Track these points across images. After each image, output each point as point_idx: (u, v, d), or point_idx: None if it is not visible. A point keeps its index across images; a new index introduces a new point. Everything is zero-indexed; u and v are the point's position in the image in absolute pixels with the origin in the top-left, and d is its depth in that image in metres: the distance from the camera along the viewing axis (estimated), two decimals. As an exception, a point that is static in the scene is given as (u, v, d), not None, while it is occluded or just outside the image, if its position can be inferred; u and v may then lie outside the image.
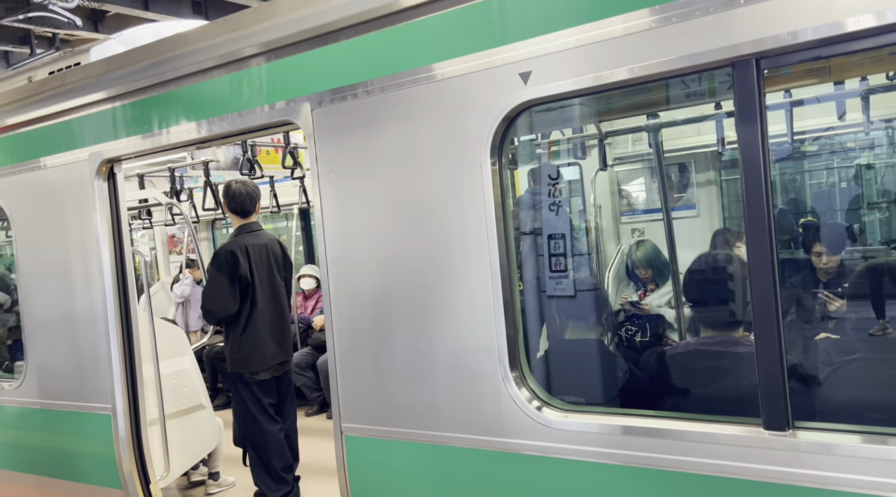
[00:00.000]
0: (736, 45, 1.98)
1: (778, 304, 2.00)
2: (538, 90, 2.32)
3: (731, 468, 2.08)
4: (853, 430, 2.00)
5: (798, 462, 1.99)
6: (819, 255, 3.88)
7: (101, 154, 3.65)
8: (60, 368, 3.98)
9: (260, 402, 4.27)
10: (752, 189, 2.01)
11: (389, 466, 2.80)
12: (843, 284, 3.43)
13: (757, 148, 1.99)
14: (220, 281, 4.16)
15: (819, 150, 5.68)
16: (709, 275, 2.72)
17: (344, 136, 2.79)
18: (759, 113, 1.98)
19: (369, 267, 2.79)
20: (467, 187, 2.51)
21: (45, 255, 4.01)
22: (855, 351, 2.98)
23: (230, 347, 4.28)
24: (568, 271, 3.94)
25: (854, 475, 1.94)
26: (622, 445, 2.24)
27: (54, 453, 4.12)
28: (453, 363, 2.60)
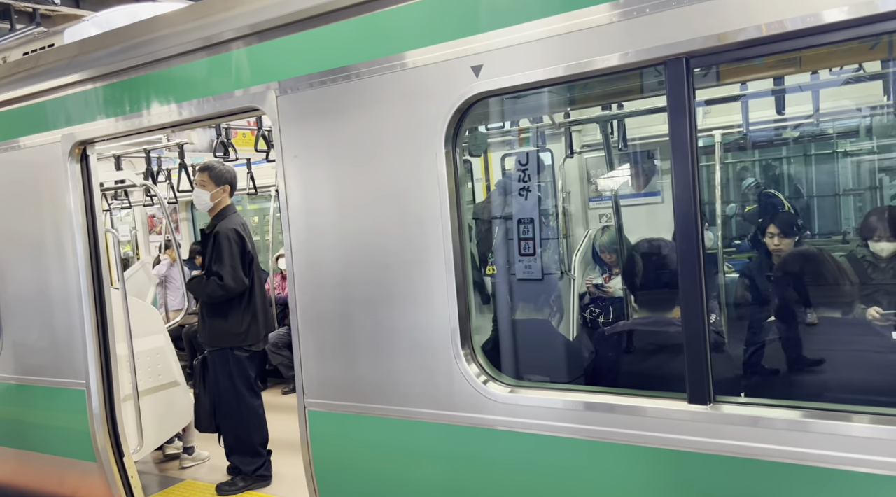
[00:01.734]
0: (668, 44, 2.11)
1: (702, 286, 2.15)
2: (489, 83, 2.44)
3: (658, 439, 2.24)
4: (770, 403, 2.16)
5: (718, 433, 2.16)
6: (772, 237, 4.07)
7: (73, 136, 3.73)
8: (36, 345, 4.08)
9: (247, 376, 4.42)
10: (680, 179, 2.15)
11: (349, 440, 2.95)
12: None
13: (686, 140, 2.13)
14: (234, 259, 4.30)
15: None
16: (645, 259, 2.88)
17: (307, 122, 2.90)
18: (688, 108, 2.12)
19: (331, 250, 2.91)
20: (424, 174, 2.63)
21: (20, 234, 4.09)
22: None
23: (230, 323, 4.36)
24: (535, 255, 4.10)
25: (771, 445, 2.10)
26: (559, 418, 2.40)
27: (31, 427, 4.23)
28: (410, 341, 2.74)
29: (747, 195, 6.27)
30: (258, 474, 4.42)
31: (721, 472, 2.16)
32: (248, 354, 4.42)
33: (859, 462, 1.97)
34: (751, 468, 2.12)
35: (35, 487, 4.29)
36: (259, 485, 4.43)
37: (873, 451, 1.96)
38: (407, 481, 2.81)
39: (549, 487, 2.46)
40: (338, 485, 3.00)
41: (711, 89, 4.14)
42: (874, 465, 1.96)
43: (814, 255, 3.07)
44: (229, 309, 4.35)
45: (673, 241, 2.24)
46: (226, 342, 4.37)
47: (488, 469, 2.59)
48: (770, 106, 4.19)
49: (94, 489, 3.99)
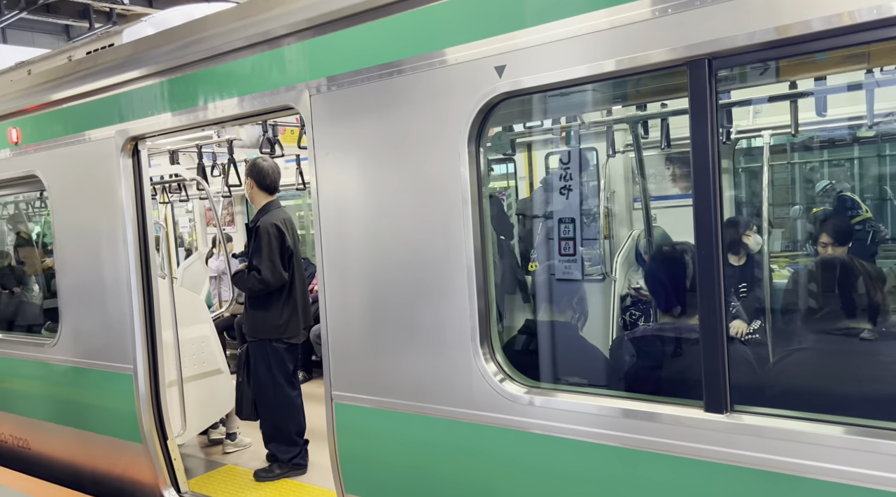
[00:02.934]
0: (690, 45, 2.06)
1: (721, 294, 2.10)
2: (511, 83, 2.44)
3: (672, 446, 2.20)
4: (788, 414, 2.10)
5: (735, 443, 2.11)
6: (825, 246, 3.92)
7: (126, 131, 3.92)
8: (89, 330, 4.31)
9: (286, 368, 4.56)
10: (700, 183, 2.10)
11: (373, 432, 3.01)
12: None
13: (707, 143, 2.09)
14: (273, 254, 4.43)
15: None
16: (666, 265, 2.82)
17: (338, 121, 2.96)
18: (710, 110, 2.07)
19: (360, 247, 2.97)
20: (447, 174, 2.65)
21: (77, 225, 4.32)
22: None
23: (270, 315, 4.50)
24: (575, 255, 4.06)
25: (788, 458, 2.04)
26: (573, 421, 2.39)
27: (87, 408, 4.47)
28: (432, 338, 2.77)
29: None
30: (294, 462, 4.55)
31: (736, 483, 2.11)
32: (286, 346, 4.54)
33: (879, 480, 1.90)
34: (767, 480, 2.06)
35: (90, 465, 4.54)
36: (295, 473, 4.56)
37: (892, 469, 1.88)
38: (427, 476, 2.85)
39: (561, 489, 2.46)
40: (361, 476, 3.07)
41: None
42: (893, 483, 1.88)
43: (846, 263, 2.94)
44: (269, 301, 4.48)
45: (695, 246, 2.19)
46: (265, 334, 4.50)
47: (503, 467, 2.60)
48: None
49: (141, 469, 4.19)
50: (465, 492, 2.74)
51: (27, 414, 4.90)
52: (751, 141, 5.49)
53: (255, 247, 4.46)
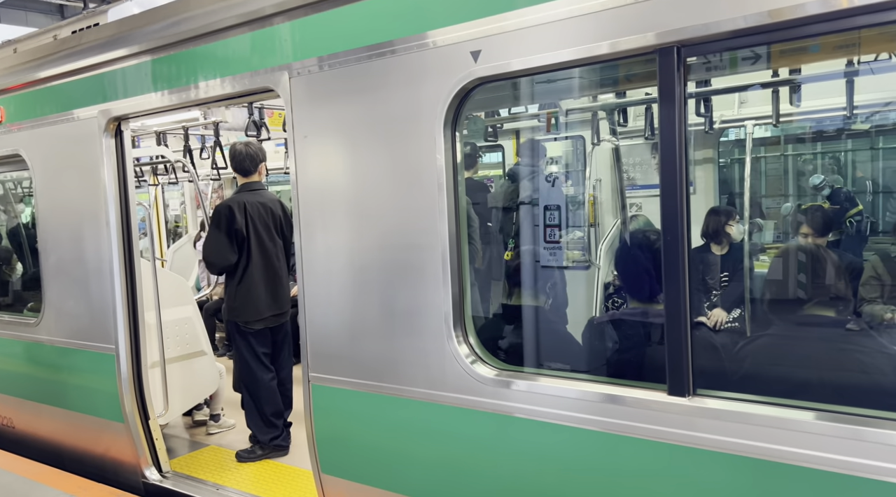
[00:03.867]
0: (659, 33, 2.08)
1: (685, 280, 2.14)
2: (486, 68, 2.46)
3: (636, 429, 2.24)
4: (750, 399, 2.13)
5: (696, 426, 2.15)
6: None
7: (109, 112, 3.91)
8: (72, 310, 4.33)
9: (254, 351, 4.57)
10: (667, 170, 2.13)
11: (349, 414, 3.04)
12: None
13: (674, 131, 2.11)
14: (218, 234, 4.46)
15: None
16: (636, 251, 2.85)
17: (317, 103, 2.97)
18: (678, 98, 2.09)
19: (336, 230, 2.99)
20: (423, 158, 2.67)
21: (61, 205, 4.33)
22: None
23: (227, 296, 4.59)
24: (560, 243, 4.09)
25: (748, 441, 2.08)
26: (541, 403, 2.43)
27: (69, 388, 4.50)
28: (407, 321, 2.80)
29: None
30: (275, 444, 4.58)
31: (697, 465, 2.16)
32: (251, 331, 4.54)
33: (837, 463, 1.94)
34: (727, 462, 2.10)
35: (72, 444, 4.58)
36: (276, 454, 4.60)
37: (850, 453, 1.92)
38: (401, 456, 2.89)
39: (530, 471, 2.50)
40: (337, 457, 3.11)
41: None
42: (851, 467, 1.92)
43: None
44: (227, 284, 4.58)
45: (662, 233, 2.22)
46: (227, 315, 4.59)
47: (474, 448, 2.64)
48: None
49: (123, 449, 4.23)
50: (437, 472, 2.78)
51: (11, 393, 4.93)
52: (735, 131, 5.52)
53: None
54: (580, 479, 2.39)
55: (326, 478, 3.15)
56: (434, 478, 2.79)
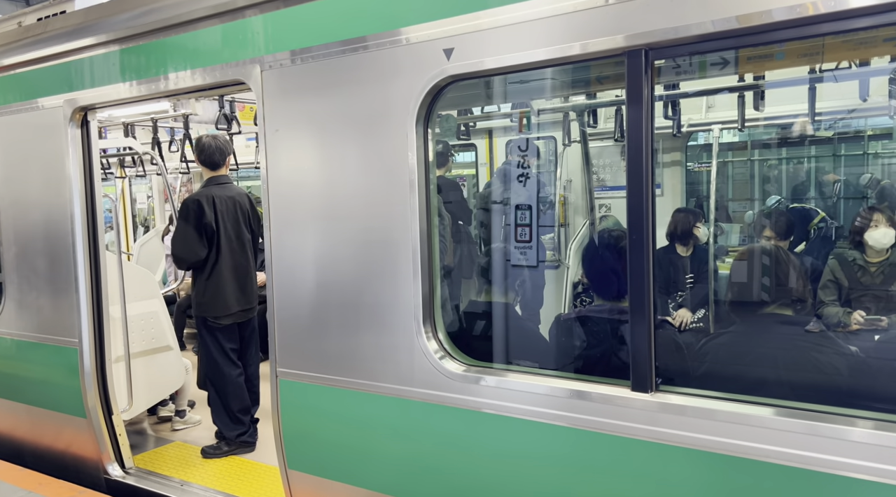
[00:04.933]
0: (628, 35, 2.12)
1: (650, 279, 2.18)
2: (458, 66, 2.47)
3: (601, 424, 2.28)
4: (711, 395, 2.19)
5: (659, 421, 2.19)
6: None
7: (74, 101, 3.84)
8: (34, 303, 4.23)
9: (222, 347, 4.52)
10: (634, 170, 2.17)
11: (317, 409, 3.03)
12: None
13: (642, 133, 2.15)
14: (187, 228, 4.40)
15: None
16: (599, 250, 2.90)
17: (289, 98, 2.96)
18: (645, 101, 2.13)
19: (306, 224, 2.98)
20: (395, 155, 2.68)
21: (23, 196, 4.23)
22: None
23: (195, 292, 4.53)
24: (531, 242, 4.14)
25: (710, 436, 2.14)
26: (507, 398, 2.46)
27: (30, 382, 4.40)
28: (376, 317, 2.81)
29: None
30: (242, 440, 4.55)
31: (660, 460, 2.20)
32: (219, 326, 4.51)
33: (794, 458, 2.00)
34: (689, 457, 2.15)
35: (32, 440, 4.48)
36: (243, 450, 4.56)
37: (810, 448, 1.98)
38: (368, 452, 2.89)
39: (496, 464, 2.53)
40: (304, 451, 3.10)
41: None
42: (811, 462, 1.98)
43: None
44: (195, 278, 4.51)
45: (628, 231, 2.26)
46: (196, 310, 4.53)
47: (442, 444, 2.66)
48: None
49: (85, 445, 4.15)
50: (405, 468, 2.79)
51: (-31, 387, 4.80)
52: (702, 135, 5.63)
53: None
54: (547, 474, 2.42)
55: (293, 473, 3.14)
56: (401, 473, 2.80)
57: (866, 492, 1.91)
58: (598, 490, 2.33)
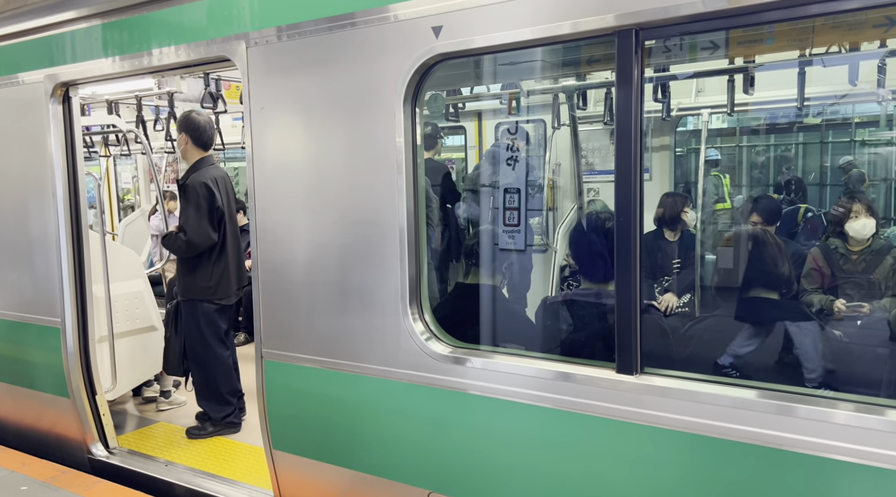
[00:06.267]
0: (619, 14, 2.09)
1: (636, 263, 2.18)
2: (447, 45, 2.44)
3: (586, 406, 2.29)
4: (695, 377, 2.20)
5: (643, 403, 2.20)
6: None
7: (56, 77, 3.76)
8: (15, 282, 4.18)
9: (217, 328, 4.49)
10: (622, 153, 2.16)
11: (302, 390, 3.02)
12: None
13: (630, 114, 2.13)
14: (199, 214, 4.30)
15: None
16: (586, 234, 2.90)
17: (275, 75, 2.91)
18: (635, 81, 2.11)
19: (292, 205, 2.94)
20: (382, 135, 2.64)
21: (3, 173, 4.15)
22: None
23: (199, 276, 4.41)
24: (519, 226, 4.13)
25: (693, 417, 2.15)
26: (494, 380, 2.46)
27: (11, 362, 4.36)
28: (362, 298, 2.79)
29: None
30: (227, 421, 4.54)
31: (644, 441, 2.21)
32: (217, 307, 4.47)
33: (771, 439, 2.02)
34: (673, 439, 2.17)
35: (15, 420, 4.44)
36: (228, 431, 4.55)
37: (791, 430, 2.00)
38: (353, 432, 2.89)
39: (481, 445, 2.53)
40: (289, 432, 3.09)
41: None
42: (792, 444, 2.00)
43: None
44: (199, 263, 4.39)
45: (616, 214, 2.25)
46: (195, 294, 4.42)
47: (428, 425, 2.66)
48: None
49: (68, 425, 4.12)
50: (390, 448, 2.80)
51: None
52: (691, 119, 5.62)
53: (183, 206, 4.35)
54: (532, 455, 2.43)
55: (278, 454, 3.14)
56: (386, 454, 2.80)
57: (846, 473, 1.93)
58: (583, 470, 2.34)
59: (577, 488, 2.35)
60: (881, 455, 1.88)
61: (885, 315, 3.65)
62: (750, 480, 2.05)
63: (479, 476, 2.56)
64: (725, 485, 2.10)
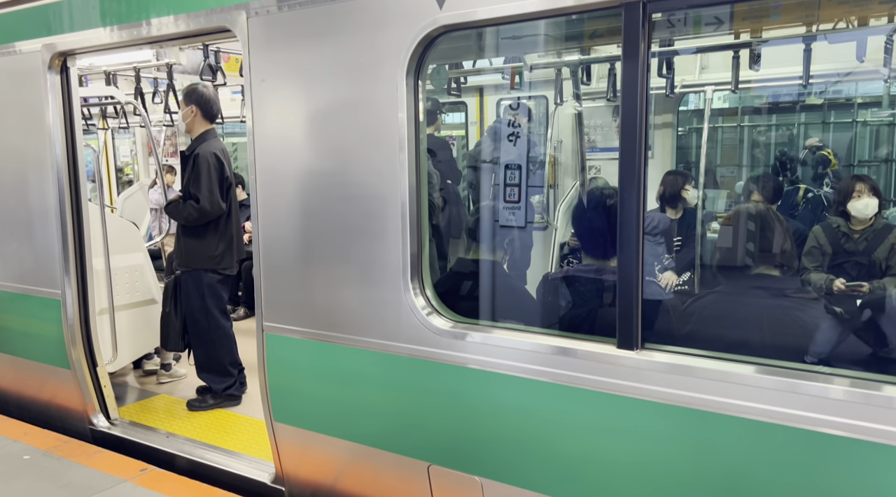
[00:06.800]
0: (627, -13, 2.06)
1: (639, 239, 2.17)
2: (451, 16, 2.41)
3: (587, 380, 2.30)
4: (695, 353, 2.21)
5: (643, 378, 2.22)
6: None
7: (53, 46, 3.71)
8: (15, 253, 4.17)
9: (220, 299, 4.53)
10: (627, 127, 2.14)
11: (303, 363, 3.04)
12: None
13: (636, 88, 2.11)
14: (213, 183, 4.35)
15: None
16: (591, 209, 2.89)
17: (276, 46, 2.87)
18: (641, 55, 2.09)
19: (293, 178, 2.93)
20: (385, 107, 2.62)
21: (1, 144, 4.12)
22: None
23: (206, 245, 4.44)
24: (519, 202, 4.12)
25: (692, 393, 2.16)
26: (495, 355, 2.47)
27: (11, 332, 4.37)
28: (364, 273, 2.79)
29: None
30: (228, 393, 4.57)
31: (644, 416, 2.23)
32: (221, 277, 4.50)
33: (772, 414, 2.03)
34: (672, 414, 2.18)
35: (16, 390, 4.47)
36: (228, 403, 4.59)
37: (789, 405, 2.01)
38: (353, 405, 2.91)
39: (481, 419, 2.55)
40: (290, 405, 3.11)
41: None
42: (790, 419, 2.02)
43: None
44: (205, 232, 4.41)
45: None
46: (200, 264, 4.44)
47: (428, 398, 2.68)
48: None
49: (69, 396, 4.15)
50: (390, 421, 2.82)
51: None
52: (694, 96, 5.58)
53: (194, 175, 4.35)
54: (532, 428, 2.45)
55: (279, 426, 3.16)
56: (386, 427, 2.83)
57: (843, 447, 1.95)
58: (583, 444, 2.36)
59: (577, 462, 2.37)
60: (880, 431, 1.89)
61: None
62: (749, 456, 2.07)
63: (479, 449, 2.58)
64: (725, 460, 2.12)
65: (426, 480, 2.73)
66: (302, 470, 3.16)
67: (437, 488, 2.72)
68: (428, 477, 2.72)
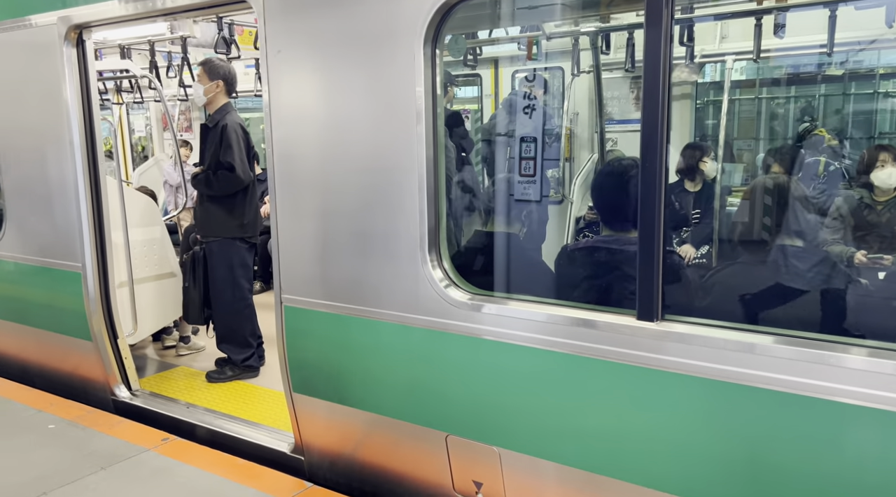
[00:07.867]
0: (651, -49, 2.01)
1: (661, 210, 2.15)
2: (469, -16, 2.37)
3: (607, 352, 2.30)
4: (715, 324, 2.20)
5: (663, 350, 2.21)
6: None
7: (69, 18, 3.70)
8: (35, 227, 4.22)
9: (248, 269, 4.61)
10: (650, 97, 2.11)
11: (321, 335, 3.06)
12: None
13: (659, 60, 2.07)
14: (243, 152, 4.45)
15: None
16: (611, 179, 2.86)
17: (292, 15, 2.85)
18: (665, 23, 2.05)
19: (311, 150, 2.92)
20: (402, 77, 2.60)
21: (19, 118, 4.14)
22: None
23: (236, 214, 4.51)
24: (535, 176, 4.10)
25: (712, 363, 2.16)
26: (514, 327, 2.47)
27: (36, 306, 4.44)
28: (381, 245, 2.79)
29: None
30: (246, 365, 4.62)
31: (664, 387, 2.23)
32: (247, 246, 4.59)
33: (794, 385, 2.02)
34: (692, 384, 2.18)
35: (40, 362, 4.55)
36: (247, 375, 4.65)
37: (809, 375, 2.01)
38: (373, 377, 2.93)
39: (498, 390, 2.57)
40: (309, 376, 3.15)
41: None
42: (810, 389, 2.01)
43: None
44: (234, 201, 4.50)
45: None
46: (230, 233, 4.52)
47: (446, 370, 2.70)
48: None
49: (91, 367, 4.22)
50: (408, 392, 2.84)
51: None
52: (714, 66, 5.47)
53: (224, 144, 4.41)
54: (551, 400, 2.46)
55: (298, 397, 3.20)
56: (405, 397, 2.85)
57: (862, 417, 1.94)
58: (602, 415, 2.37)
59: (596, 433, 2.39)
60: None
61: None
62: (770, 426, 2.07)
63: (497, 420, 2.60)
64: (745, 431, 2.12)
65: (444, 450, 2.76)
66: (321, 439, 3.21)
67: (455, 457, 2.75)
68: (446, 446, 2.75)
